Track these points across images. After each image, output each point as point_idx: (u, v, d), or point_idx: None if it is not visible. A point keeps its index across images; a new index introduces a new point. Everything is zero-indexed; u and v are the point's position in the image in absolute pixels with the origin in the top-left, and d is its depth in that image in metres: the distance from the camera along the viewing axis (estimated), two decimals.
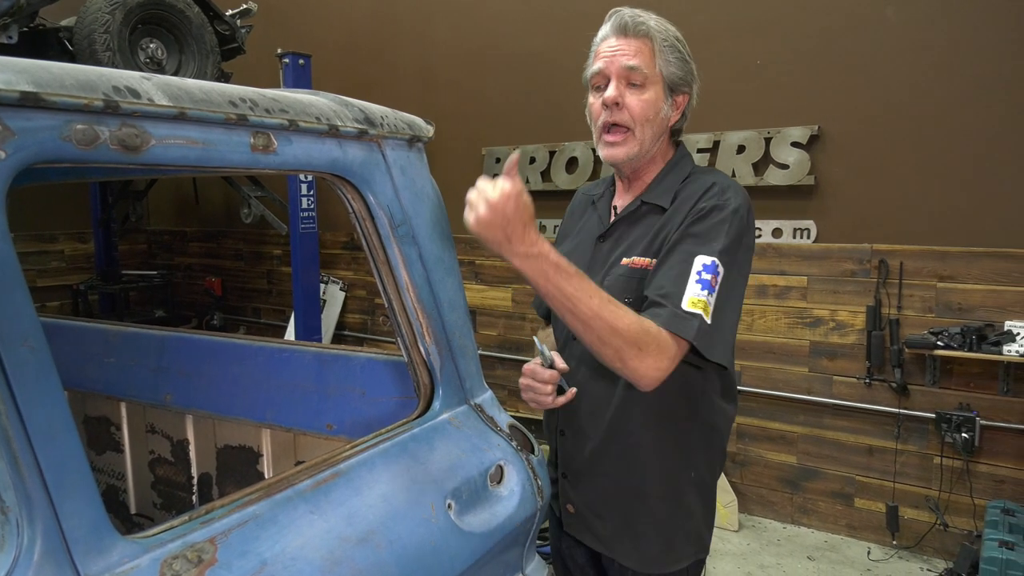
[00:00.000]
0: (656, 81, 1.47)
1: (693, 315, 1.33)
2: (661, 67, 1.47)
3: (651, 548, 1.58)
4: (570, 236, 1.73)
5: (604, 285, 1.49)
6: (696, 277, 1.35)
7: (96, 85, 0.90)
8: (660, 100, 1.48)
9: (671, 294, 1.35)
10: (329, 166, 1.28)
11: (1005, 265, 3.29)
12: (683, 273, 1.36)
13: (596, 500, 1.62)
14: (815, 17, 3.65)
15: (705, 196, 1.45)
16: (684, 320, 1.32)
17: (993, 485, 3.38)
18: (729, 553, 3.64)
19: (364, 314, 5.68)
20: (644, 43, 1.46)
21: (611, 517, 1.60)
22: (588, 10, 4.30)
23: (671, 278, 1.37)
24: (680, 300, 1.34)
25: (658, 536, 1.58)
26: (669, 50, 1.47)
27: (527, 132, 4.65)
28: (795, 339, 3.82)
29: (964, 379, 3.40)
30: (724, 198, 1.44)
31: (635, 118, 1.46)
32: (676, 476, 1.57)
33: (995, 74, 3.25)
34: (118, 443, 2.30)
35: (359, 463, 1.26)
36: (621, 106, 1.46)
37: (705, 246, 1.38)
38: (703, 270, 1.36)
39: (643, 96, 1.46)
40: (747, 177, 3.80)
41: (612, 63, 1.46)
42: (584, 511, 1.64)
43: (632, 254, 1.50)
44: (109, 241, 6.06)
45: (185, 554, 0.94)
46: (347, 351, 1.90)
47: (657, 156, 1.56)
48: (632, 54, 1.45)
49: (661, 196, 1.52)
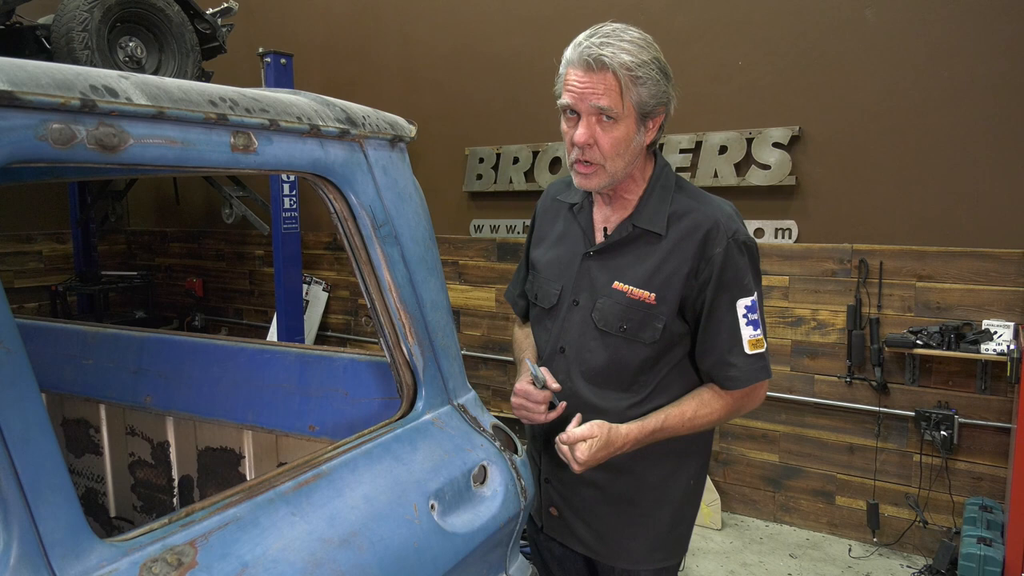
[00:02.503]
0: (628, 115, 1.43)
1: (759, 356, 1.52)
2: (631, 100, 1.42)
3: (639, 551, 1.63)
4: (547, 241, 1.72)
5: (597, 307, 1.55)
6: (744, 321, 1.50)
7: (73, 84, 0.89)
8: (632, 132, 1.45)
9: (733, 348, 1.51)
10: (310, 166, 1.27)
11: (982, 265, 3.33)
12: (734, 324, 1.50)
13: (583, 507, 1.65)
14: (796, 19, 3.67)
15: (712, 240, 1.48)
16: (755, 367, 1.52)
17: (971, 482, 3.43)
18: (712, 551, 3.66)
19: (347, 315, 5.66)
20: (610, 79, 1.39)
21: (598, 522, 1.64)
22: (571, 10, 4.32)
23: (727, 336, 1.51)
24: (743, 349, 1.50)
25: (647, 540, 1.63)
26: (639, 81, 1.40)
27: (510, 132, 4.65)
28: (777, 338, 3.85)
29: (943, 377, 3.44)
30: (732, 235, 1.49)
31: (606, 155, 1.45)
32: (673, 484, 1.63)
33: (972, 76, 3.29)
34: (97, 446, 2.27)
35: (341, 464, 1.25)
36: (593, 145, 1.44)
37: (740, 290, 1.51)
38: (747, 311, 1.51)
39: (614, 133, 1.43)
40: (729, 177, 3.83)
41: (581, 101, 1.42)
42: (569, 515, 1.68)
43: (627, 281, 1.53)
44: (88, 241, 5.98)
45: (165, 557, 0.93)
46: (329, 352, 1.89)
47: (635, 173, 1.55)
48: (601, 93, 1.40)
49: (653, 221, 1.52)
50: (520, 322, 1.87)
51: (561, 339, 1.63)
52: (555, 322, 1.65)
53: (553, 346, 1.64)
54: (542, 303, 1.68)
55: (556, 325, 1.64)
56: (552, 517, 1.71)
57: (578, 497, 1.65)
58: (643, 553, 1.63)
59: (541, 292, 1.68)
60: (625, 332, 1.51)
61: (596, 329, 1.56)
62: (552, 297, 1.64)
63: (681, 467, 1.63)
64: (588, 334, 1.58)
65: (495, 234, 4.80)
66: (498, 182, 4.70)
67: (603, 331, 1.55)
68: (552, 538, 1.75)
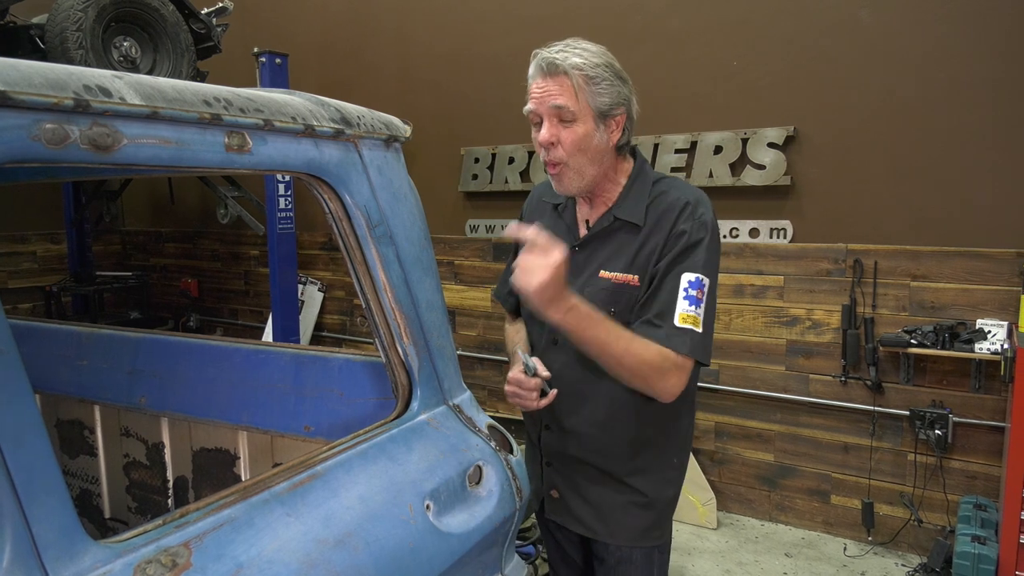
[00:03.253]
0: (584, 114, 1.53)
1: (685, 331, 1.51)
2: (587, 100, 1.52)
3: (635, 528, 1.70)
4: None
5: (585, 294, 1.60)
6: (683, 294, 1.52)
7: (66, 84, 0.89)
8: (591, 131, 1.54)
9: (664, 313, 1.52)
10: (305, 166, 1.27)
11: (977, 264, 3.34)
12: (672, 292, 1.53)
13: (581, 485, 1.72)
14: (791, 20, 3.68)
15: (682, 217, 1.57)
16: (679, 337, 1.50)
17: (966, 481, 3.44)
18: (708, 551, 3.66)
19: (343, 315, 5.65)
20: (565, 81, 1.51)
21: (596, 501, 1.71)
22: (568, 11, 4.32)
23: (662, 300, 1.54)
24: (672, 318, 1.51)
25: (641, 517, 1.70)
26: (592, 82, 1.52)
27: (506, 132, 4.65)
28: (772, 338, 3.86)
29: (937, 376, 3.45)
30: (698, 216, 1.57)
31: (568, 152, 1.54)
32: (660, 463, 1.71)
33: (968, 77, 3.30)
34: (92, 447, 2.27)
35: (336, 465, 1.25)
36: (556, 143, 1.54)
37: (690, 265, 1.54)
38: (689, 287, 1.53)
39: (574, 131, 1.53)
40: (724, 177, 3.83)
41: (541, 103, 1.53)
42: (569, 496, 1.74)
43: (611, 268, 1.61)
44: (83, 242, 5.96)
45: (159, 558, 0.93)
46: (325, 352, 1.89)
47: (610, 173, 1.64)
48: (557, 93, 1.51)
49: (633, 212, 1.61)
50: (510, 318, 1.94)
51: (554, 332, 1.68)
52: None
53: (547, 339, 1.71)
54: None
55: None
56: (553, 499, 1.78)
57: (577, 477, 1.72)
58: (639, 531, 1.70)
59: None
60: (613, 315, 1.56)
61: None
62: None
63: (666, 448, 1.71)
64: None
65: (491, 234, 4.80)
66: (494, 182, 4.70)
67: None
68: (552, 520, 1.82)
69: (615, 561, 1.72)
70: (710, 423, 4.08)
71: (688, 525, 3.91)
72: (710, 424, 4.09)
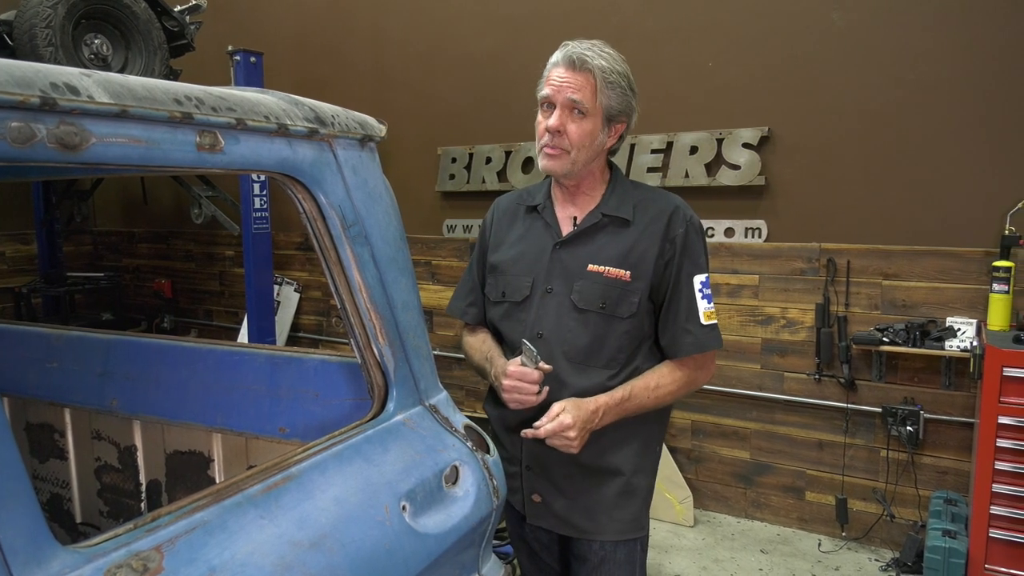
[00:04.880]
0: (596, 113, 1.64)
1: (712, 327, 1.71)
2: (602, 101, 1.64)
3: (624, 521, 1.74)
4: (507, 243, 1.84)
5: (575, 288, 1.69)
6: (700, 295, 1.70)
7: (32, 81, 0.87)
8: (597, 130, 1.66)
9: (690, 318, 1.69)
10: (278, 166, 1.26)
11: (946, 263, 3.40)
12: (691, 297, 1.70)
13: (567, 485, 1.74)
14: (764, 21, 3.72)
15: (674, 223, 1.70)
16: (708, 335, 1.70)
17: (937, 476, 3.49)
18: (684, 548, 3.69)
19: (319, 315, 5.62)
20: (588, 78, 1.62)
21: (584, 498, 1.73)
22: (543, 11, 4.33)
23: (685, 307, 1.70)
24: (698, 320, 1.69)
25: (630, 508, 1.74)
26: (611, 86, 1.64)
27: (483, 132, 4.64)
28: (747, 336, 3.89)
29: (908, 374, 3.50)
30: (689, 218, 1.72)
31: (573, 144, 1.65)
32: (647, 451, 1.78)
33: (937, 79, 3.35)
34: (62, 450, 2.23)
35: (311, 466, 1.25)
36: (562, 133, 1.64)
37: (696, 267, 1.71)
38: (702, 286, 1.71)
39: (583, 126, 1.64)
40: (700, 177, 3.86)
41: (559, 93, 1.63)
42: (553, 498, 1.75)
43: (601, 263, 1.69)
44: (53, 242, 5.87)
45: (130, 563, 0.92)
46: (300, 353, 1.88)
47: (596, 172, 1.75)
48: (577, 88, 1.62)
49: (620, 209, 1.71)
50: (469, 329, 1.94)
51: (538, 325, 1.73)
52: (529, 312, 1.75)
53: (530, 334, 1.72)
54: (512, 297, 1.78)
55: (530, 314, 1.75)
56: (535, 504, 1.78)
57: (561, 477, 1.73)
58: (627, 522, 1.73)
59: (510, 288, 1.78)
60: (603, 309, 1.66)
61: (575, 309, 1.69)
62: (524, 289, 1.76)
63: (650, 436, 1.78)
64: (566, 316, 1.70)
65: (468, 234, 4.79)
66: (471, 182, 4.69)
67: (582, 310, 1.69)
68: (536, 526, 1.81)
69: (598, 560, 1.73)
70: (687, 421, 4.11)
71: (665, 523, 3.94)
72: (687, 422, 4.11)
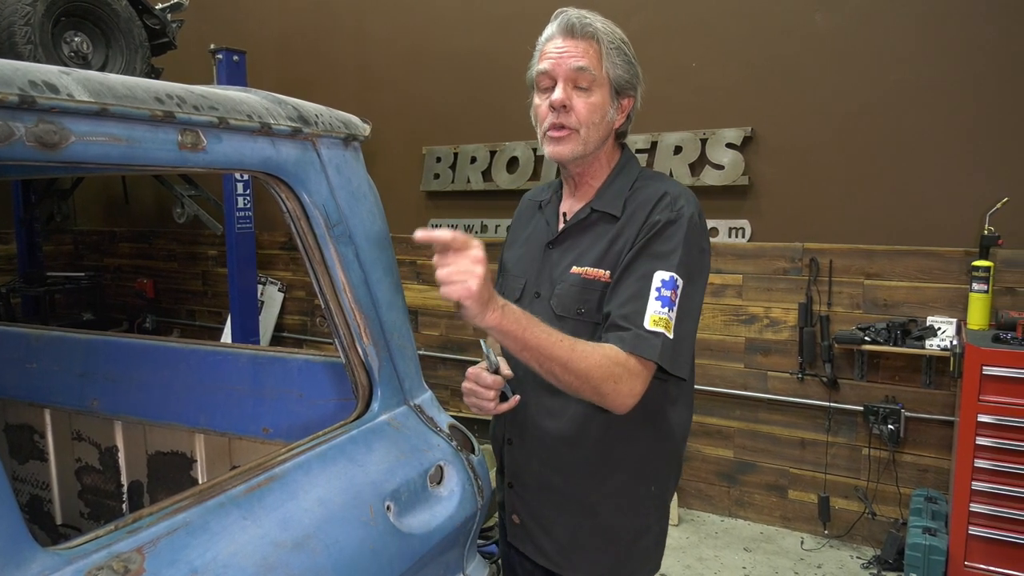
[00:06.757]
0: (603, 84, 1.44)
1: (656, 334, 1.33)
2: (608, 69, 1.44)
3: (601, 564, 1.55)
4: (517, 243, 1.70)
5: (556, 293, 1.50)
6: (656, 294, 1.35)
7: (11, 79, 0.86)
8: (607, 103, 1.45)
9: (632, 314, 1.35)
10: (262, 165, 1.25)
11: (927, 263, 3.43)
12: (642, 291, 1.36)
13: (543, 512, 1.57)
14: (748, 22, 3.74)
15: (658, 208, 1.43)
16: (648, 341, 1.33)
17: (917, 474, 3.53)
18: (669, 547, 3.69)
19: (303, 315, 5.59)
20: (591, 44, 1.43)
21: (559, 531, 1.56)
22: (528, 9, 4.32)
23: (630, 298, 1.36)
24: (642, 320, 1.34)
25: (609, 552, 1.54)
26: (616, 52, 1.44)
27: (467, 131, 4.64)
28: (731, 336, 3.91)
29: (890, 373, 3.54)
30: (677, 208, 1.42)
31: (581, 121, 1.44)
32: (634, 490, 1.54)
33: (917, 80, 3.38)
34: (42, 451, 2.21)
35: (295, 467, 1.24)
36: (568, 109, 1.43)
37: (663, 261, 1.38)
38: (662, 286, 1.36)
39: (590, 99, 1.43)
40: (684, 177, 3.88)
41: (559, 64, 1.43)
42: (530, 523, 1.60)
43: (584, 263, 1.48)
44: (32, 241, 5.80)
45: (111, 564, 0.91)
46: (283, 353, 1.87)
47: (603, 158, 1.54)
48: (579, 55, 1.42)
49: (611, 204, 1.50)
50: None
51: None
52: None
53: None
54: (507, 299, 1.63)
55: None
56: (514, 525, 1.64)
57: (538, 503, 1.58)
58: (607, 567, 1.54)
59: (507, 289, 1.63)
60: (583, 315, 1.45)
61: (555, 316, 1.48)
62: (516, 292, 1.59)
63: (642, 474, 1.55)
64: (548, 323, 1.46)
65: None
66: (456, 182, 4.69)
67: (561, 317, 1.47)
68: (514, 547, 1.67)
69: None
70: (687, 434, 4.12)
71: None
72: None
